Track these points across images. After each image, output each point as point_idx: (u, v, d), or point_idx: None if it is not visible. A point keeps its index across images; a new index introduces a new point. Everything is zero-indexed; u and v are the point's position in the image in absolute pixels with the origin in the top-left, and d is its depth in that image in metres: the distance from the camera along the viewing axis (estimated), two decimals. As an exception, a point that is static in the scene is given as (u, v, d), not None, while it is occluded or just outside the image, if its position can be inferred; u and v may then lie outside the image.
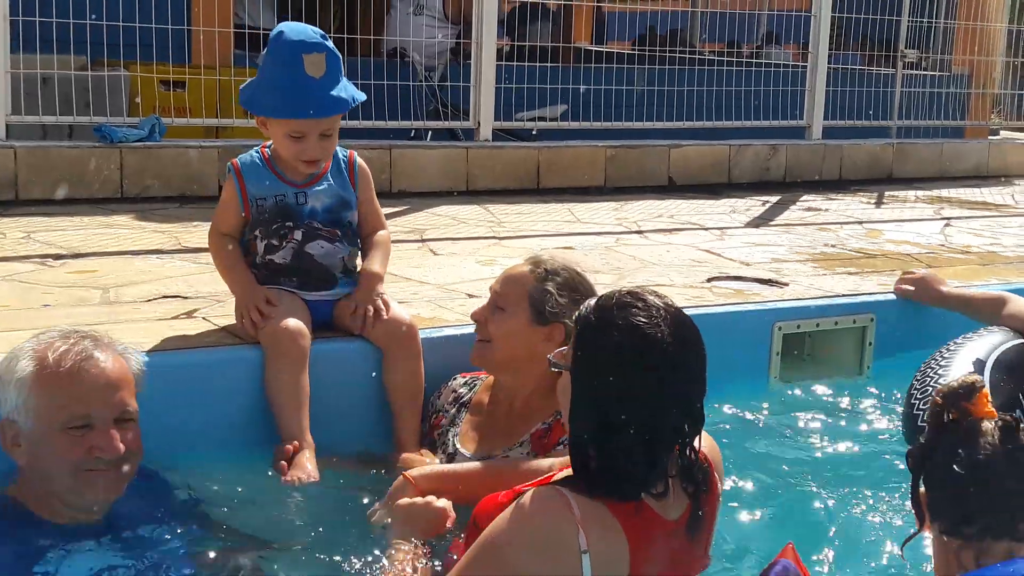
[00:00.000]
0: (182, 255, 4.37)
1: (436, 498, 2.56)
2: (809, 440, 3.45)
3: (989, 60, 9.13)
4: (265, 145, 3.18)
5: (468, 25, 6.96)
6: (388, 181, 6.11)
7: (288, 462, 2.89)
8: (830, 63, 7.98)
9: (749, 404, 3.67)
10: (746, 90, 7.71)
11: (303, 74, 3.01)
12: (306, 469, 2.86)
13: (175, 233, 4.81)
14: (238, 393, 3.05)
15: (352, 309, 3.17)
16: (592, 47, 11.53)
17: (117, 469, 2.43)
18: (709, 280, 4.32)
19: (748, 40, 13.01)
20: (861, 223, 6.01)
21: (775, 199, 6.77)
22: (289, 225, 3.14)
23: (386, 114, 6.32)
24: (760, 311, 3.96)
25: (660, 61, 8.40)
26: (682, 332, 2.06)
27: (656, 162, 7.01)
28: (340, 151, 3.22)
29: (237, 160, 3.17)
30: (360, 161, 3.29)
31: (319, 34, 3.07)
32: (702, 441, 2.12)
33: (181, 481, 2.78)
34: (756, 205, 6.52)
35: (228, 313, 3.36)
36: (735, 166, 7.26)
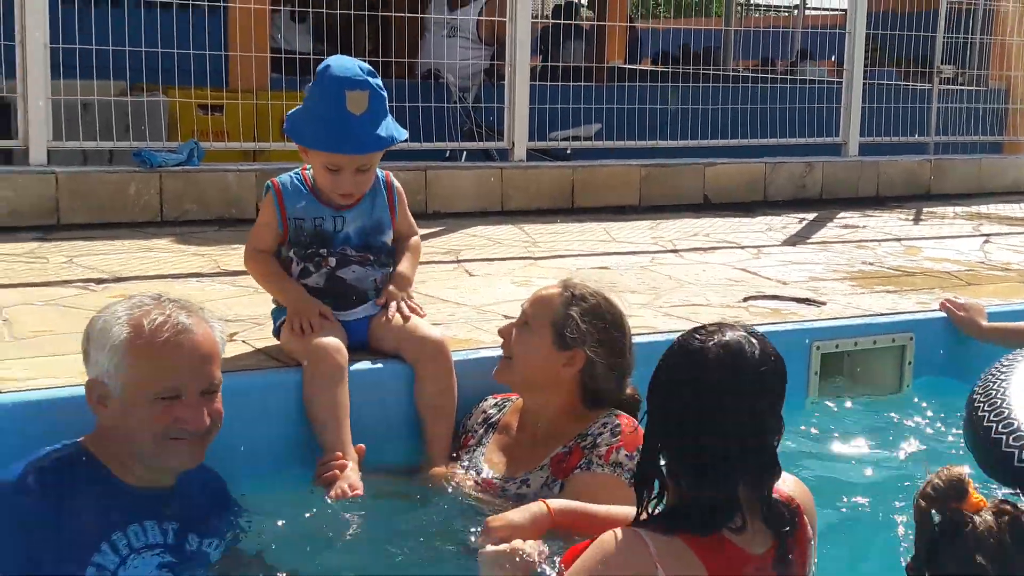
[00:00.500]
0: (221, 278, 4.42)
1: (524, 542, 2.53)
2: (848, 461, 3.43)
3: (1027, 75, 9.06)
4: (305, 167, 3.23)
5: (502, 46, 7.00)
6: (423, 202, 6.14)
7: (335, 471, 2.91)
8: (865, 79, 7.96)
9: (787, 424, 3.64)
10: (780, 108, 7.69)
11: (344, 110, 3.06)
12: (351, 480, 2.88)
13: (214, 256, 4.86)
14: (278, 415, 3.08)
15: (382, 307, 3.22)
16: (625, 66, 11.58)
17: (200, 439, 2.51)
18: (745, 299, 4.31)
19: (782, 57, 13.02)
20: (899, 240, 5.98)
21: (811, 216, 6.74)
22: (323, 252, 3.20)
23: (421, 136, 6.36)
24: (797, 331, 3.94)
25: (694, 79, 8.42)
26: (765, 363, 2.11)
27: (691, 180, 7.00)
28: (378, 172, 3.26)
29: (277, 180, 3.22)
30: (396, 183, 3.34)
31: (365, 71, 3.11)
32: (793, 486, 2.19)
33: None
34: (792, 223, 6.50)
35: (267, 336, 3.40)
36: (770, 184, 7.24)
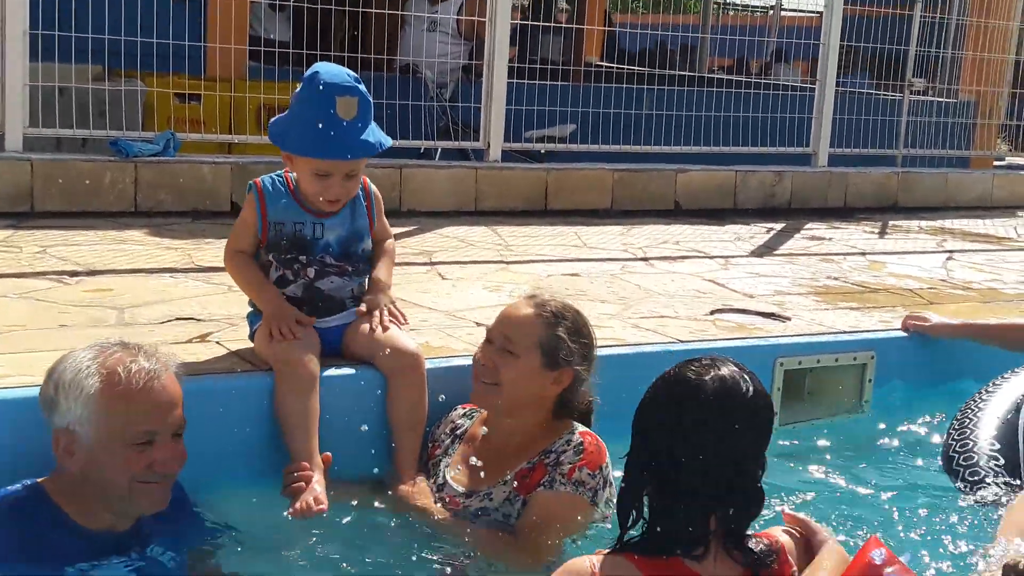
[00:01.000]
0: (195, 274, 4.44)
1: None
2: (808, 478, 3.51)
3: (995, 91, 9.19)
4: (288, 170, 3.24)
5: (481, 42, 7.03)
6: (398, 199, 6.18)
7: (301, 481, 2.95)
8: (837, 86, 8.06)
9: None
10: (753, 116, 7.78)
11: (335, 115, 3.06)
12: (315, 493, 2.91)
13: (188, 251, 4.88)
14: (252, 419, 3.11)
15: (362, 315, 3.24)
16: (602, 63, 11.63)
17: (168, 480, 2.56)
18: (712, 313, 4.39)
19: (757, 57, 13.13)
20: (864, 254, 6.08)
21: (779, 226, 6.84)
22: (303, 260, 3.21)
23: (397, 132, 6.39)
24: (762, 346, 4.01)
25: (669, 81, 8.48)
26: (757, 401, 2.22)
27: (663, 186, 7.08)
28: None
29: (260, 181, 3.22)
30: (374, 188, 3.37)
31: (353, 77, 3.13)
32: (780, 535, 2.30)
33: (200, 504, 2.86)
34: (760, 232, 6.59)
35: (241, 337, 3.43)
36: (741, 192, 7.33)
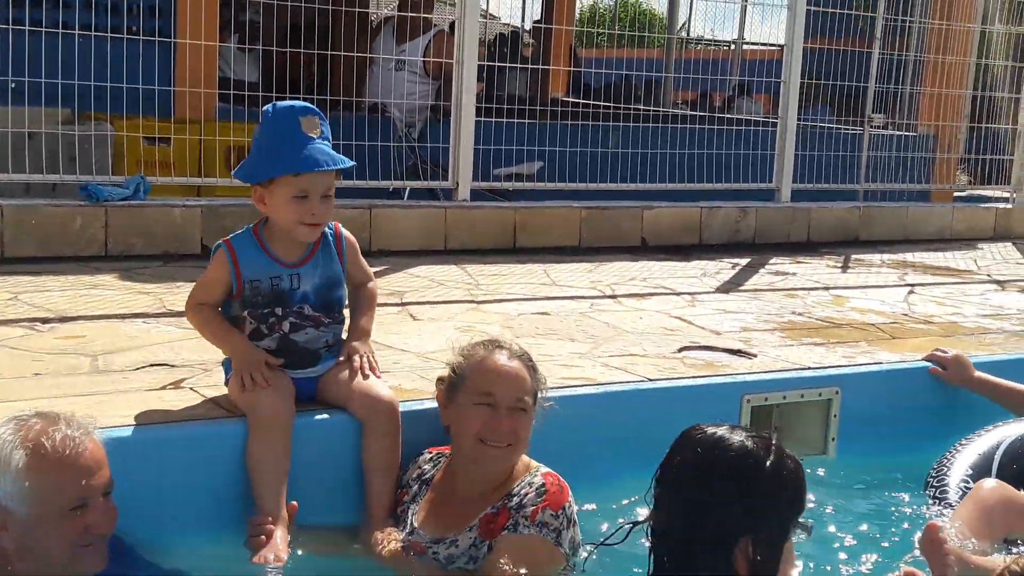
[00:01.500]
0: (167, 319, 4.46)
1: None
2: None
3: (954, 125, 9.38)
4: (256, 226, 3.26)
5: (448, 81, 7.12)
6: (368, 240, 6.23)
7: (263, 535, 2.98)
8: (799, 118, 8.20)
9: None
10: (717, 153, 7.91)
11: (302, 133, 3.10)
12: (275, 550, 2.95)
13: (159, 295, 4.91)
14: (224, 466, 3.14)
15: (342, 362, 3.27)
16: (568, 99, 11.75)
17: (104, 541, 2.60)
18: (680, 350, 4.46)
19: (720, 90, 13.32)
20: (828, 289, 6.18)
21: (744, 262, 6.94)
22: (278, 313, 3.21)
23: (367, 172, 6.46)
24: (729, 383, 4.09)
25: (635, 118, 8.60)
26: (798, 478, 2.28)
27: (629, 223, 7.17)
28: (327, 226, 3.30)
29: (230, 240, 3.22)
30: (346, 233, 3.38)
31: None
32: None
33: (160, 554, 2.88)
34: (726, 268, 6.69)
35: (215, 383, 3.47)
36: (706, 228, 7.44)
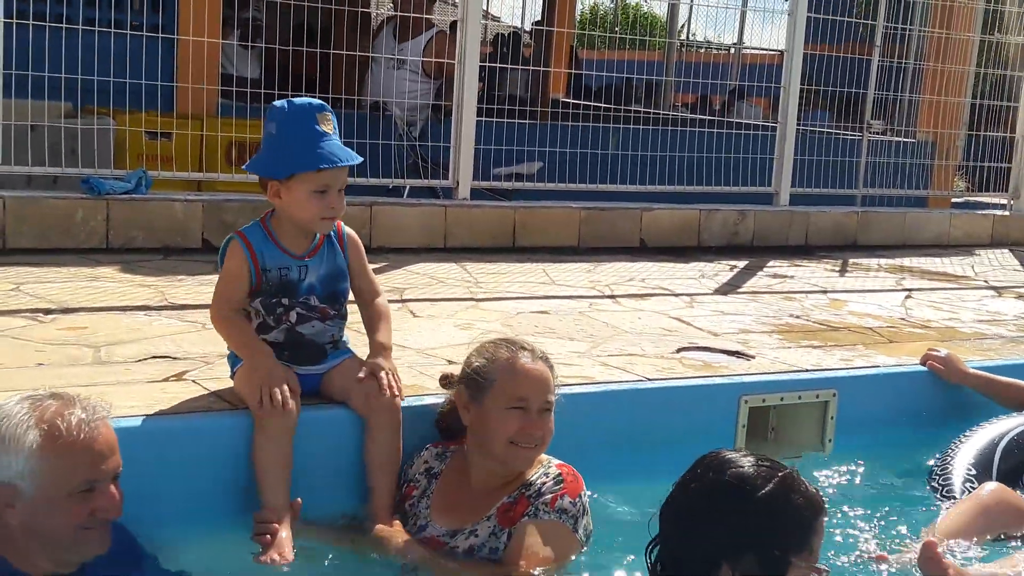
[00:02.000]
0: (168, 312, 4.49)
1: None
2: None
3: (952, 132, 9.42)
4: (264, 219, 3.27)
5: (449, 80, 7.15)
6: (368, 236, 6.26)
7: (268, 534, 3.00)
8: (799, 123, 8.23)
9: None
10: (716, 156, 7.94)
11: (320, 130, 3.12)
12: (281, 549, 2.96)
13: (160, 287, 4.93)
14: (227, 459, 3.16)
15: (362, 377, 3.25)
16: (569, 99, 11.78)
17: (108, 524, 2.60)
18: (679, 351, 4.48)
19: (719, 93, 13.36)
20: (825, 292, 6.21)
21: (743, 264, 6.96)
22: (285, 303, 3.23)
23: (368, 170, 6.48)
24: (727, 384, 4.11)
25: (634, 120, 8.64)
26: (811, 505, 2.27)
27: (628, 224, 7.20)
28: None
29: (243, 231, 3.23)
30: (349, 231, 3.40)
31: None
32: None
33: (162, 546, 2.89)
34: (724, 270, 6.71)
35: (217, 376, 3.49)
36: (704, 230, 7.47)
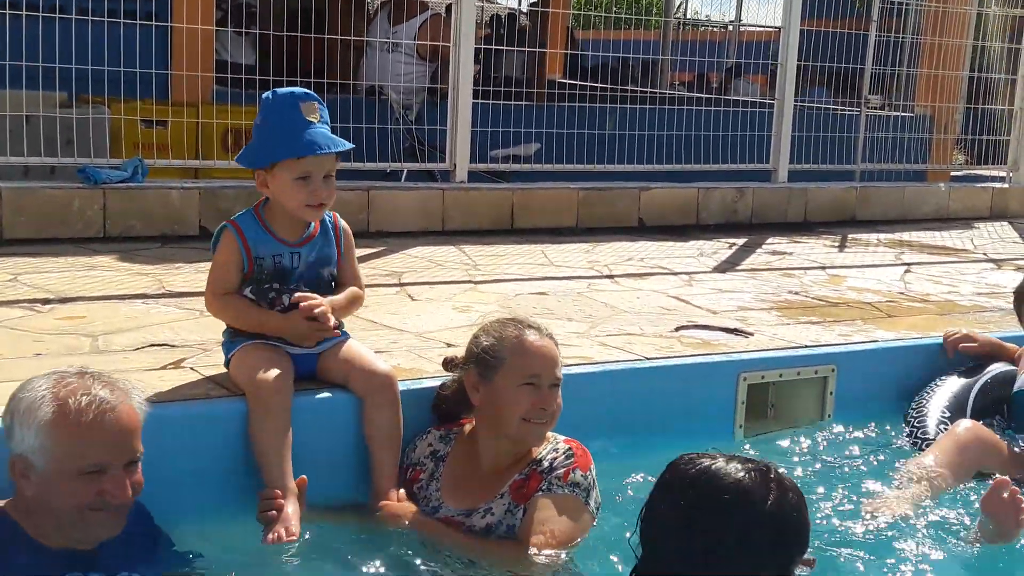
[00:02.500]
0: (166, 300, 4.49)
1: None
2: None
3: (951, 106, 9.39)
4: (257, 207, 3.28)
5: (444, 63, 7.13)
6: (366, 221, 6.26)
7: (274, 510, 3.01)
8: (796, 99, 8.21)
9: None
10: (714, 135, 7.92)
11: (302, 118, 3.15)
12: (287, 523, 2.98)
13: (158, 276, 4.93)
14: (227, 444, 3.17)
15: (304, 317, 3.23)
16: (565, 80, 11.76)
17: (121, 508, 2.59)
18: (677, 329, 4.48)
19: (717, 71, 13.32)
20: (824, 268, 6.20)
21: (741, 242, 6.96)
22: (276, 287, 3.25)
23: (364, 155, 6.47)
24: (726, 362, 4.12)
25: (631, 99, 8.61)
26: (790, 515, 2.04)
27: (627, 204, 7.19)
28: (326, 214, 3.33)
29: (236, 220, 3.25)
30: (343, 223, 3.41)
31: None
32: None
33: (171, 531, 2.90)
34: (723, 248, 6.70)
35: (215, 363, 3.49)
36: (703, 208, 7.45)
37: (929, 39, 9.11)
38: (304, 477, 3.10)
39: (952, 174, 10.16)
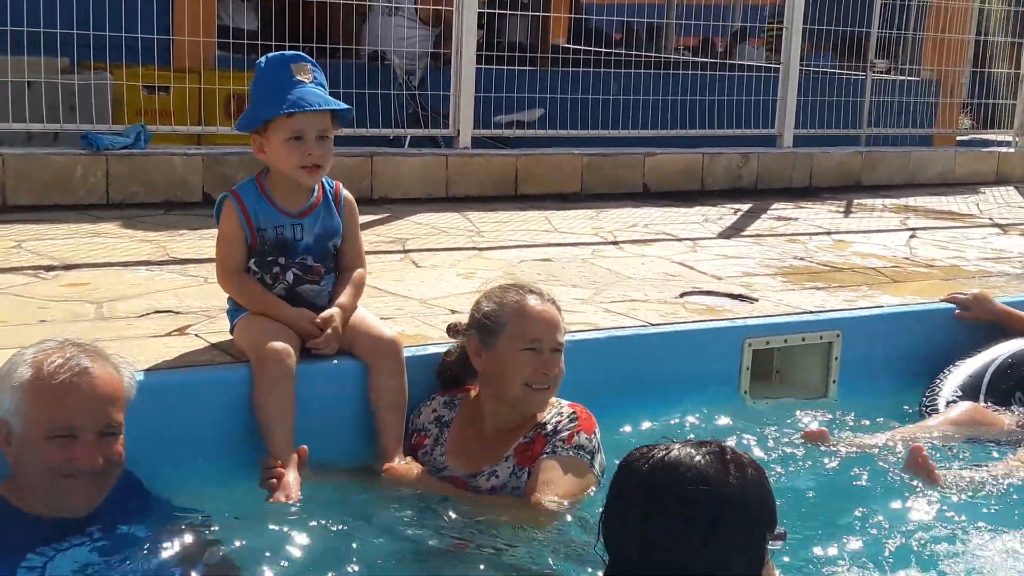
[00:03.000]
0: (170, 266, 4.48)
1: None
2: (777, 455, 3.60)
3: (957, 70, 9.33)
4: (259, 176, 3.25)
5: (447, 26, 7.08)
6: (369, 188, 6.24)
7: (275, 478, 3.02)
8: (801, 64, 8.16)
9: (720, 418, 3.82)
10: (719, 100, 7.87)
11: (294, 78, 3.12)
12: (288, 491, 2.99)
13: (162, 242, 4.92)
14: (231, 410, 3.17)
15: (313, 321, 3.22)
16: (570, 45, 11.68)
17: (95, 478, 2.57)
18: (682, 295, 4.47)
19: (721, 35, 13.23)
20: (829, 234, 6.19)
21: (746, 207, 6.93)
22: (281, 262, 3.22)
23: (368, 121, 6.44)
24: (731, 328, 4.11)
25: (636, 64, 8.56)
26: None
27: (631, 170, 7.16)
28: (327, 182, 3.31)
29: (237, 190, 3.22)
30: (346, 192, 3.37)
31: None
32: None
33: (172, 498, 2.90)
34: (728, 214, 6.68)
35: (219, 330, 3.49)
36: (708, 174, 7.42)
37: (936, 1, 9.03)
38: (304, 447, 3.10)
39: (958, 138, 10.11)
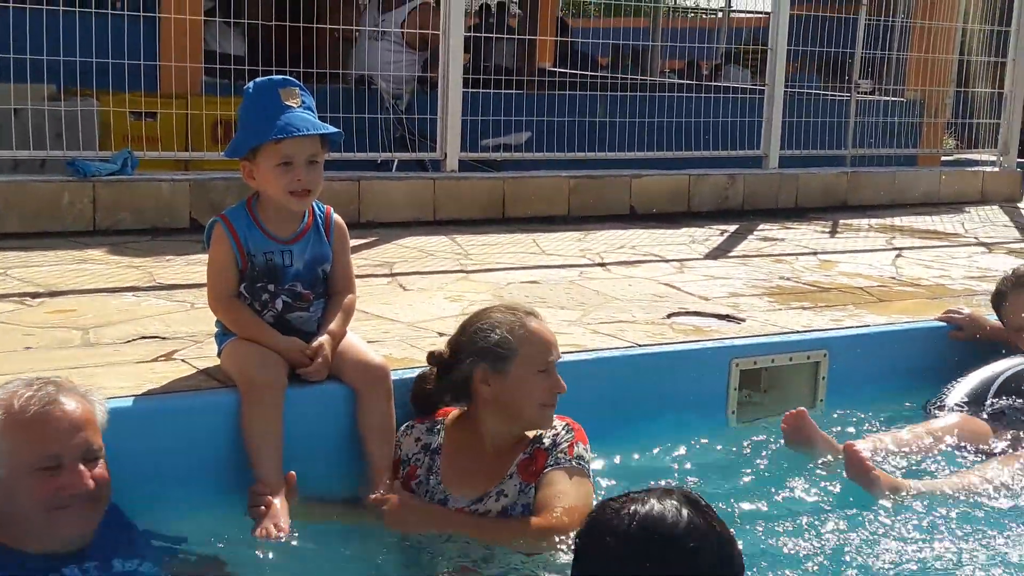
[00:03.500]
0: (157, 292, 4.48)
1: None
2: (764, 475, 3.61)
3: (941, 90, 9.39)
4: (249, 202, 3.24)
5: (434, 51, 7.11)
6: (357, 212, 6.25)
7: (263, 505, 3.01)
8: (787, 86, 8.21)
9: (707, 439, 3.83)
10: (705, 121, 7.91)
11: (282, 103, 3.11)
12: (276, 519, 2.97)
13: (148, 268, 4.91)
14: (219, 436, 3.16)
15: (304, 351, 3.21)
16: (556, 69, 11.74)
17: (87, 504, 2.58)
18: (669, 316, 4.48)
19: (707, 58, 13.33)
20: (815, 254, 6.21)
21: (733, 228, 6.96)
22: (271, 289, 3.21)
23: (355, 145, 6.46)
24: (718, 348, 4.12)
25: (622, 87, 8.61)
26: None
27: (618, 192, 7.18)
28: (318, 207, 3.30)
29: (227, 215, 3.20)
30: (337, 217, 3.35)
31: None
32: None
33: (159, 525, 2.89)
34: (715, 235, 6.71)
35: (206, 355, 3.49)
36: (695, 195, 7.45)
37: (919, 22, 9.10)
38: (293, 473, 3.09)
39: (943, 158, 10.17)
